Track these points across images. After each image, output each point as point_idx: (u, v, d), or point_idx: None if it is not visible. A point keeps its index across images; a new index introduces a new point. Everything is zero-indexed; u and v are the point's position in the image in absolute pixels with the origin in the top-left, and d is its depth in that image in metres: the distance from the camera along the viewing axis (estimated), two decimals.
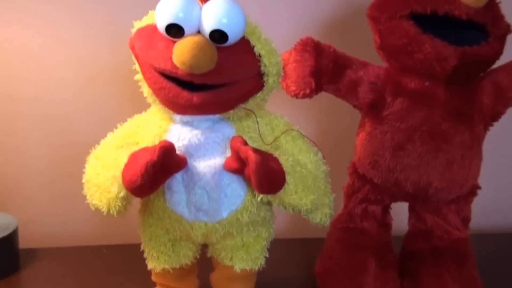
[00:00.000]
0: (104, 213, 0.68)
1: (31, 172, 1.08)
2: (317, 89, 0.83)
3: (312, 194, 0.70)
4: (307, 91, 0.82)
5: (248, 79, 0.65)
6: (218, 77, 0.62)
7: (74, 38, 1.02)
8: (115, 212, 0.67)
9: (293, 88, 0.83)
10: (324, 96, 0.87)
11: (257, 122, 0.70)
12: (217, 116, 0.69)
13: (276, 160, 0.67)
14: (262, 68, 0.65)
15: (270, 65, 0.65)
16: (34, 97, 1.04)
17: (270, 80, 0.66)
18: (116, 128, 0.74)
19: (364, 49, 0.89)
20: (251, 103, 0.68)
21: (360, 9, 0.90)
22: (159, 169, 0.62)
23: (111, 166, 0.67)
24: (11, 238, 0.94)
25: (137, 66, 0.68)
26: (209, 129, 0.68)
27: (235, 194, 0.69)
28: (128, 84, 0.70)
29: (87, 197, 0.70)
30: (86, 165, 0.71)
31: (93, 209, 0.70)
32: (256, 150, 0.64)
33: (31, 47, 1.01)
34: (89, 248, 1.04)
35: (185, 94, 0.63)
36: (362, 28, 0.90)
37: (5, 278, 0.93)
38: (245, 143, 0.65)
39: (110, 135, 0.73)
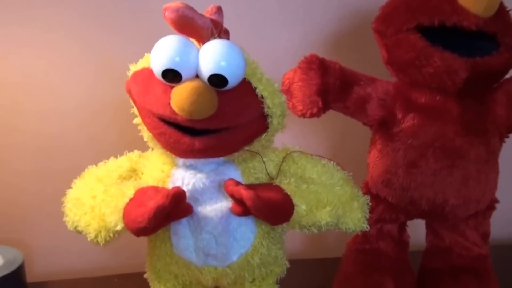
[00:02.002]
0: (89, 239, 0.65)
1: (35, 205, 1.06)
2: (324, 108, 0.81)
3: (328, 205, 0.67)
4: (314, 110, 0.80)
5: (251, 122, 0.63)
6: (220, 122, 0.60)
7: (78, 70, 1.00)
8: (102, 242, 0.64)
9: (299, 107, 0.81)
10: (333, 114, 0.85)
11: (264, 162, 0.68)
12: (221, 158, 0.66)
13: (276, 188, 0.65)
14: (266, 109, 0.62)
15: (274, 106, 0.63)
16: (33, 130, 1.02)
17: (274, 121, 0.64)
18: (119, 155, 0.72)
19: (372, 64, 0.86)
20: (256, 145, 0.65)
21: (365, 23, 0.88)
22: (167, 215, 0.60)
23: (114, 195, 0.64)
24: (18, 272, 0.92)
25: (135, 110, 0.66)
26: (213, 172, 0.65)
27: (245, 237, 0.67)
28: (131, 121, 0.68)
29: (69, 215, 0.67)
30: (77, 181, 0.69)
31: (72, 229, 0.67)
32: (248, 187, 0.62)
33: (33, 78, 0.99)
34: (100, 279, 1.02)
35: (186, 140, 0.60)
36: (369, 42, 0.88)
37: None
38: (237, 184, 0.63)
39: (113, 161, 0.71)
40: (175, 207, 0.60)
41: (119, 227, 0.63)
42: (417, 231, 0.94)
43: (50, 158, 1.03)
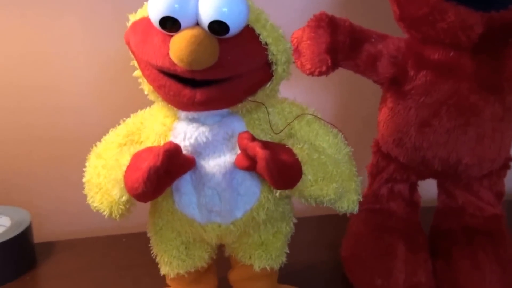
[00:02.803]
0: (106, 217, 0.64)
1: (43, 165, 1.06)
2: (333, 66, 0.79)
3: (334, 182, 0.64)
4: (323, 68, 0.78)
5: (255, 71, 0.60)
6: (221, 72, 0.57)
7: (82, 30, 0.99)
8: (117, 216, 0.64)
9: (308, 66, 0.79)
10: (342, 72, 0.83)
11: (268, 113, 0.66)
12: (225, 110, 0.63)
13: (289, 151, 0.62)
14: (270, 57, 0.59)
15: (279, 53, 0.60)
16: (44, 89, 1.02)
17: (279, 69, 0.61)
18: (119, 124, 0.70)
19: (383, 21, 0.84)
20: (260, 95, 0.62)
21: None
22: (164, 174, 0.58)
23: (112, 167, 0.63)
24: (26, 234, 0.92)
25: (135, 62, 0.63)
26: (217, 124, 0.63)
27: (250, 192, 0.64)
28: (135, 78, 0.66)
29: (88, 198, 0.66)
30: (86, 164, 0.67)
31: (95, 211, 0.66)
32: (265, 145, 0.59)
33: (40, 41, 0.99)
34: (108, 238, 1.02)
35: (187, 92, 0.58)
36: None
37: (22, 276, 0.91)
38: (253, 139, 0.60)
39: (112, 132, 0.69)
40: (172, 163, 0.58)
41: (124, 198, 0.61)
42: (428, 187, 0.92)
43: (61, 117, 1.04)
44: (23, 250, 0.92)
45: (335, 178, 0.65)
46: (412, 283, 0.81)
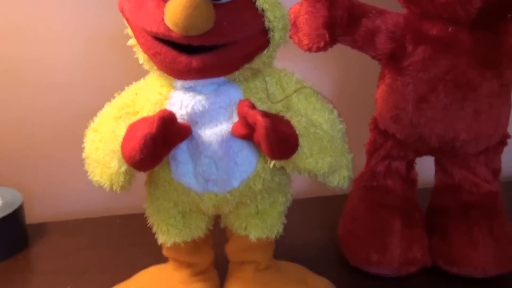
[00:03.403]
0: (107, 190, 0.65)
1: (35, 144, 1.05)
2: (331, 42, 0.79)
3: (329, 156, 0.65)
4: (321, 44, 0.78)
5: (251, 37, 0.59)
6: (217, 38, 0.57)
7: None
8: (118, 188, 0.64)
9: (306, 41, 0.79)
10: (340, 48, 0.82)
11: (266, 82, 0.65)
12: (222, 78, 0.63)
13: (287, 122, 0.62)
14: (267, 23, 0.59)
15: (275, 19, 0.59)
16: (34, 64, 1.01)
17: (276, 36, 0.60)
18: (114, 97, 0.69)
19: None
20: (257, 62, 0.62)
21: None
22: (160, 141, 0.58)
23: (109, 140, 0.63)
24: (17, 214, 0.92)
25: (129, 31, 0.63)
26: (213, 93, 0.63)
27: (246, 162, 0.64)
28: (128, 48, 0.66)
29: (89, 173, 0.66)
30: (84, 140, 0.67)
31: (96, 185, 0.66)
32: (265, 114, 0.59)
33: (23, 10, 0.98)
34: (101, 220, 1.02)
35: (183, 59, 0.57)
36: None
37: (14, 256, 0.91)
38: (253, 107, 0.60)
39: (107, 106, 0.68)
40: (168, 130, 0.58)
41: (123, 169, 0.61)
42: (425, 169, 0.92)
43: (51, 94, 1.03)
44: (15, 230, 0.92)
45: (329, 152, 0.65)
46: (407, 259, 0.81)
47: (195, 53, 0.57)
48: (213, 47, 0.57)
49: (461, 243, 0.81)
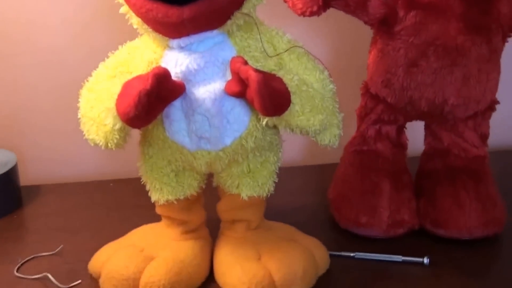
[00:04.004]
0: (102, 147, 0.66)
1: (29, 107, 1.06)
2: (324, 6, 0.79)
3: (320, 113, 0.66)
4: (315, 8, 0.78)
5: None
6: None
7: None
8: (113, 145, 0.65)
9: (299, 6, 0.79)
10: (333, 14, 0.83)
11: (259, 33, 0.66)
12: (215, 33, 0.64)
13: (279, 80, 0.64)
14: None
15: None
16: (26, 28, 1.02)
17: None
18: (108, 57, 0.70)
19: None
20: (247, 7, 0.63)
21: None
22: (155, 98, 0.59)
23: (104, 98, 0.64)
24: (11, 174, 0.94)
25: None
26: (208, 52, 0.64)
27: (239, 120, 0.66)
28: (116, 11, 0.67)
29: (84, 132, 0.67)
30: (79, 99, 0.68)
31: (92, 144, 0.67)
32: (257, 70, 0.60)
33: None
34: (95, 183, 1.04)
35: (174, 10, 0.59)
36: None
37: (8, 215, 0.92)
38: (246, 63, 0.61)
39: (101, 65, 0.69)
40: (162, 87, 0.59)
41: (118, 126, 0.63)
42: (416, 137, 0.94)
43: (44, 58, 1.04)
44: (9, 189, 0.94)
45: (320, 110, 0.67)
46: (395, 220, 0.83)
47: (186, 4, 0.58)
48: None
49: (448, 206, 0.83)
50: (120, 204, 0.95)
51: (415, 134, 0.94)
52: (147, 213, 0.82)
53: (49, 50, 1.03)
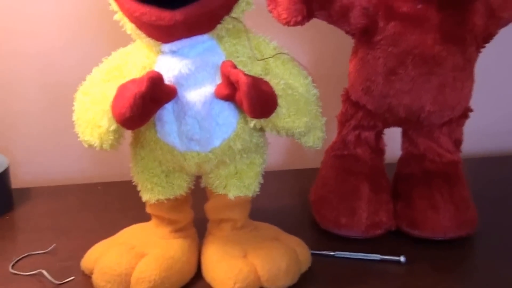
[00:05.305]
0: (97, 148, 0.68)
1: (21, 110, 1.08)
2: (308, 16, 0.82)
3: (305, 116, 0.70)
4: (299, 18, 0.81)
5: None
6: None
7: None
8: (108, 146, 0.67)
9: (284, 15, 0.82)
10: (316, 23, 0.86)
11: (248, 38, 0.70)
12: (206, 38, 0.67)
13: (267, 83, 0.67)
14: None
15: None
16: (18, 33, 1.03)
17: None
18: (102, 62, 0.73)
19: None
20: (237, 12, 0.67)
21: None
22: (149, 100, 0.62)
23: (99, 101, 0.66)
24: (3, 176, 0.95)
25: (113, 6, 0.67)
26: (199, 57, 0.67)
27: (227, 123, 0.69)
28: (110, 15, 0.69)
29: (79, 134, 0.70)
30: (74, 103, 0.71)
31: (86, 146, 0.70)
32: (247, 73, 0.64)
33: None
34: (84, 186, 1.05)
35: (167, 14, 0.62)
36: None
37: (0, 217, 0.94)
38: (235, 67, 0.64)
39: (96, 70, 0.72)
40: (156, 90, 0.62)
41: (113, 127, 0.65)
42: (394, 144, 0.97)
43: (35, 62, 1.05)
44: (0, 192, 0.95)
45: (305, 113, 0.70)
46: (373, 222, 0.87)
47: (178, 8, 0.62)
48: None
49: (423, 208, 0.87)
50: (110, 206, 0.97)
51: (393, 141, 0.97)
52: (134, 214, 0.85)
53: (40, 55, 1.04)
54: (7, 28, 1.02)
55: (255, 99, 0.63)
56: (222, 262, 0.74)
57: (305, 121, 0.70)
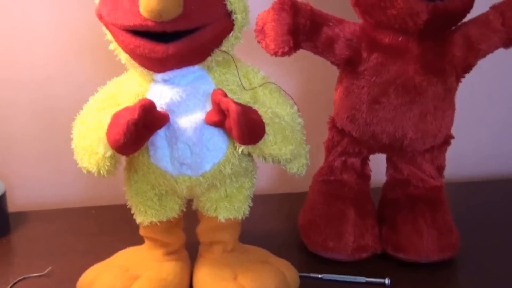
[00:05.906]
0: (95, 174, 0.70)
1: (17, 137, 1.09)
2: (295, 47, 0.85)
3: (291, 144, 0.73)
4: (286, 49, 0.83)
5: (217, 21, 0.67)
6: (188, 22, 0.64)
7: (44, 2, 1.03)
8: (105, 172, 0.70)
9: (272, 46, 0.84)
10: (303, 54, 0.89)
11: (237, 68, 0.73)
12: (196, 68, 0.70)
13: (255, 111, 0.70)
14: (229, 6, 0.67)
15: (235, 1, 0.68)
16: (11, 63, 1.05)
17: (239, 17, 0.68)
18: (97, 91, 0.75)
19: (341, 7, 0.91)
20: (226, 45, 0.70)
21: None
22: (142, 127, 0.65)
23: (95, 128, 0.69)
24: (0, 201, 0.97)
25: (108, 36, 0.70)
26: (190, 85, 0.70)
27: (217, 148, 0.71)
28: (103, 46, 0.72)
29: (78, 161, 0.72)
30: (72, 131, 0.73)
31: (85, 172, 0.72)
32: (236, 102, 0.66)
33: (4, 13, 1.03)
34: (78, 210, 1.07)
35: (160, 47, 0.65)
36: None
37: None
38: (226, 95, 0.67)
39: (91, 99, 0.75)
40: (149, 117, 0.65)
41: (109, 153, 0.68)
42: (379, 170, 1.00)
43: (31, 90, 1.07)
44: None
45: (291, 141, 0.73)
46: (359, 245, 0.89)
47: (170, 42, 0.65)
48: (185, 33, 0.65)
49: (408, 232, 0.89)
50: (103, 230, 0.99)
51: (378, 166, 1.00)
52: (128, 238, 0.87)
53: (35, 84, 1.06)
54: (2, 57, 1.04)
55: (244, 127, 0.66)
56: (213, 284, 0.76)
57: (291, 148, 0.73)
